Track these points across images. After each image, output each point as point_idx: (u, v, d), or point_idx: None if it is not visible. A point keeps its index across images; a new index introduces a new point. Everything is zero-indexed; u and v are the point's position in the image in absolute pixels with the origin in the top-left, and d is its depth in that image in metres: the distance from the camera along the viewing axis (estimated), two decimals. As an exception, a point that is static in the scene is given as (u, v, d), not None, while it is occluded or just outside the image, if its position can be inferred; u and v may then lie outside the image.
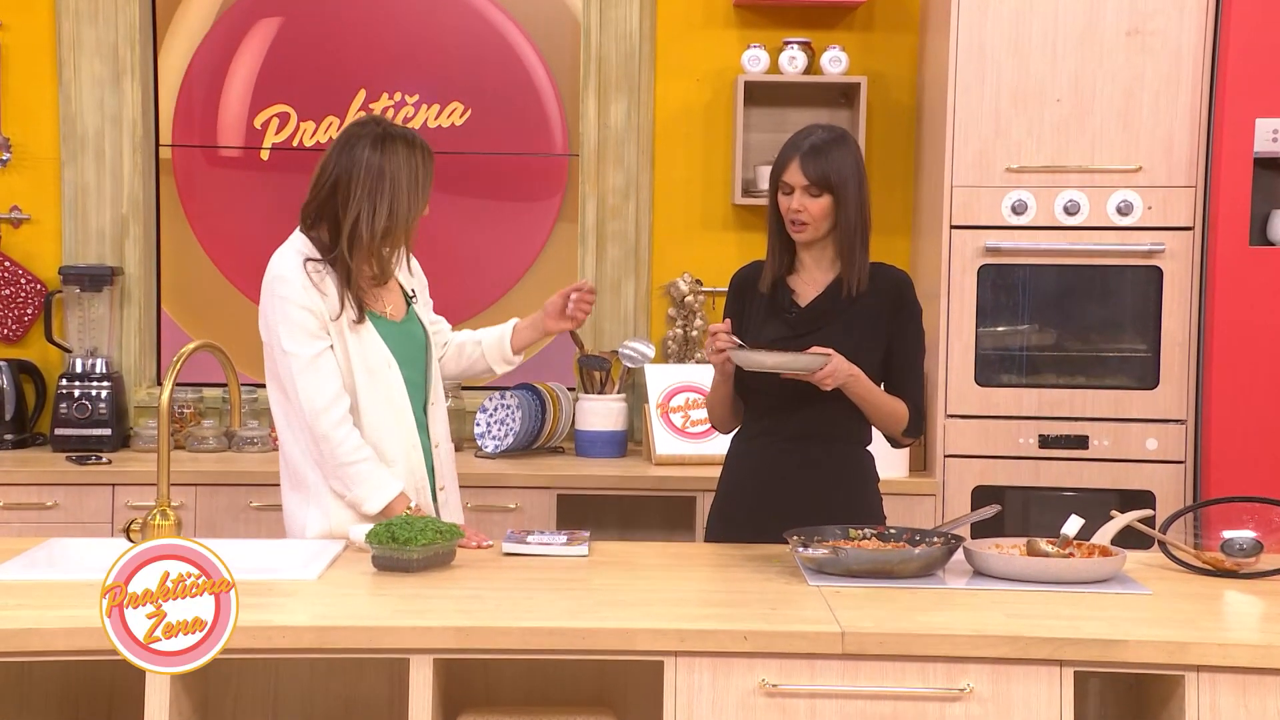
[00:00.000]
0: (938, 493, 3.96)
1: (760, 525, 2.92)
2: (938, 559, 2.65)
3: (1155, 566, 2.78)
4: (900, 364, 3.00)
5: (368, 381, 2.91)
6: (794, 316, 2.98)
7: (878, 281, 3.00)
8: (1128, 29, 3.89)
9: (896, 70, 4.47)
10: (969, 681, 2.26)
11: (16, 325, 4.42)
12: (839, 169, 2.91)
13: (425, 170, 2.94)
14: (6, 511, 3.88)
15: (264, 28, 4.56)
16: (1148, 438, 3.95)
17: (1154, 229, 3.94)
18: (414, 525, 2.62)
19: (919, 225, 4.36)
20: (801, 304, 2.99)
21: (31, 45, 4.42)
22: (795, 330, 2.97)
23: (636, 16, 4.44)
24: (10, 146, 4.42)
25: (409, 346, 3.02)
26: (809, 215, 2.92)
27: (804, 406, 2.94)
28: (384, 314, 2.99)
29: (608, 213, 4.48)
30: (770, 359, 2.83)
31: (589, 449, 4.25)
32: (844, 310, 2.97)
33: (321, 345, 2.87)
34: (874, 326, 2.97)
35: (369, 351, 2.92)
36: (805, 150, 2.91)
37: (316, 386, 2.85)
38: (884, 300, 2.99)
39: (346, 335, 2.90)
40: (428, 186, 2.94)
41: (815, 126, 2.98)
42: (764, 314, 3.01)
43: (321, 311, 2.87)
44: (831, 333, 2.95)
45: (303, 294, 2.86)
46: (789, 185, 2.93)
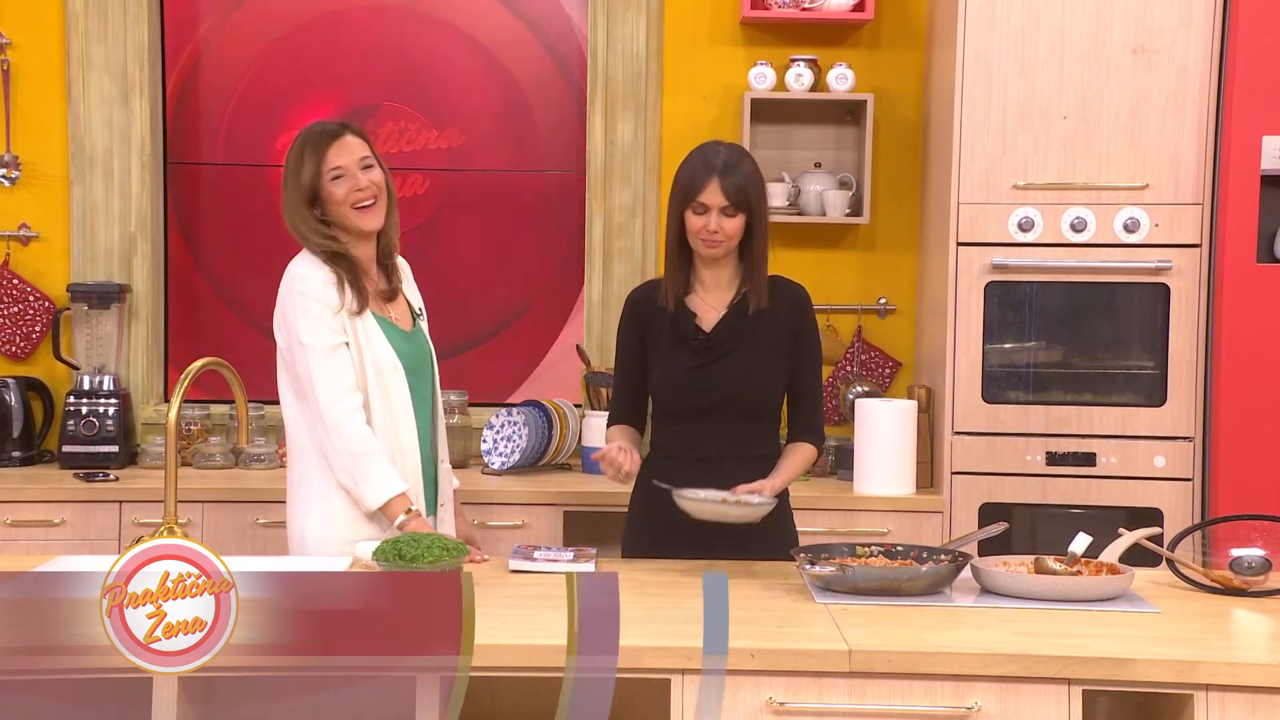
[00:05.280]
0: (944, 510, 3.95)
1: (672, 544, 2.96)
2: (945, 577, 2.64)
3: (1163, 585, 2.77)
4: (801, 381, 3.07)
5: (376, 383, 2.96)
6: (699, 344, 3.02)
7: (778, 296, 3.04)
8: (1134, 46, 3.89)
9: (903, 87, 4.47)
10: (976, 700, 2.26)
11: (25, 342, 4.43)
12: (754, 187, 2.95)
13: (300, 154, 2.98)
14: (14, 529, 3.88)
15: (275, 52, 4.57)
16: (1155, 455, 3.94)
17: (1161, 246, 3.93)
18: (420, 542, 2.62)
19: (925, 242, 4.36)
20: (705, 328, 3.02)
21: (41, 64, 4.44)
22: (702, 359, 3.02)
23: (643, 35, 4.45)
24: (19, 164, 4.44)
25: (415, 356, 3.06)
26: (724, 234, 2.94)
27: (715, 428, 3.01)
28: (392, 320, 3.04)
29: (614, 230, 4.49)
30: (712, 510, 2.83)
31: (595, 466, 4.24)
32: (748, 332, 3.01)
33: (338, 339, 2.94)
34: (778, 344, 3.03)
35: (378, 353, 2.97)
36: (721, 169, 2.92)
37: (333, 377, 2.91)
38: (785, 316, 3.04)
39: (359, 335, 2.95)
40: (307, 167, 2.97)
41: (718, 144, 3.01)
42: (668, 342, 3.04)
43: (338, 308, 2.94)
44: (738, 357, 3.01)
45: (321, 289, 2.94)
46: (704, 205, 2.93)
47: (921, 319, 4.41)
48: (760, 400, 3.03)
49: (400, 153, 4.55)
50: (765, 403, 3.05)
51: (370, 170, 3.01)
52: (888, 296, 4.52)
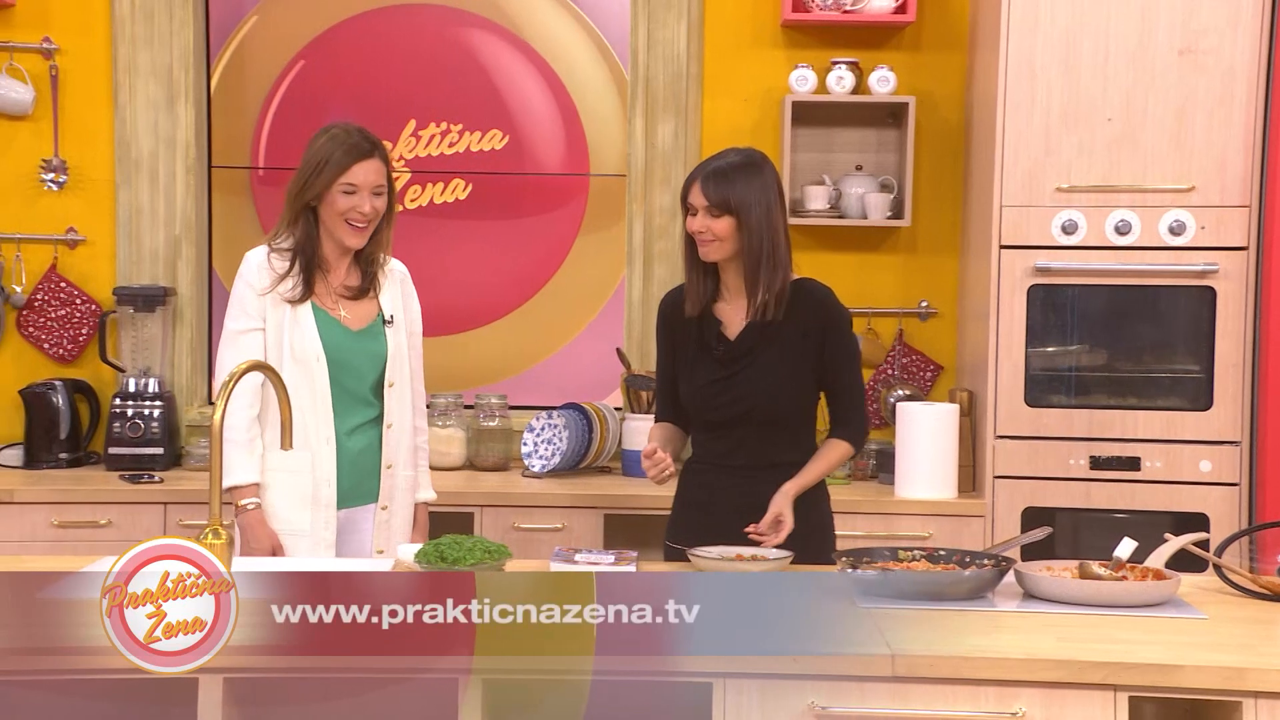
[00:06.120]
0: (986, 514, 3.93)
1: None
2: (988, 581, 2.62)
3: (1210, 590, 2.74)
4: (835, 380, 3.06)
5: (296, 369, 3.07)
6: (723, 352, 3.02)
7: (801, 300, 3.03)
8: (1180, 48, 3.86)
9: (945, 89, 4.45)
10: (1021, 705, 2.24)
11: (72, 345, 4.48)
12: (740, 192, 2.95)
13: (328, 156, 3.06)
14: (61, 529, 3.92)
15: (315, 54, 4.61)
16: (1201, 459, 3.91)
17: (1207, 249, 3.90)
18: (462, 545, 2.63)
19: (967, 245, 4.34)
20: (730, 336, 3.02)
21: (88, 69, 4.49)
22: (727, 368, 3.02)
23: (684, 37, 4.45)
24: (67, 169, 4.49)
25: (355, 356, 3.13)
26: (712, 234, 2.97)
27: (744, 437, 3.01)
28: (338, 317, 3.12)
29: (655, 232, 4.49)
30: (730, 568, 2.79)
31: (636, 469, 4.25)
32: (773, 338, 3.00)
33: (250, 324, 3.10)
34: (804, 350, 3.02)
35: (302, 342, 3.08)
36: (708, 173, 2.98)
37: (231, 359, 3.06)
38: (810, 320, 3.02)
39: (285, 321, 3.08)
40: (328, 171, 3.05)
41: (730, 151, 3.06)
42: (694, 350, 3.06)
43: (266, 290, 3.07)
44: (763, 365, 3.00)
45: (254, 272, 3.10)
46: (693, 206, 3.00)
47: (963, 322, 4.39)
48: (787, 409, 3.02)
49: (441, 156, 4.59)
50: (793, 410, 3.04)
51: (379, 197, 3.11)
52: (929, 300, 4.50)
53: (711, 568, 2.80)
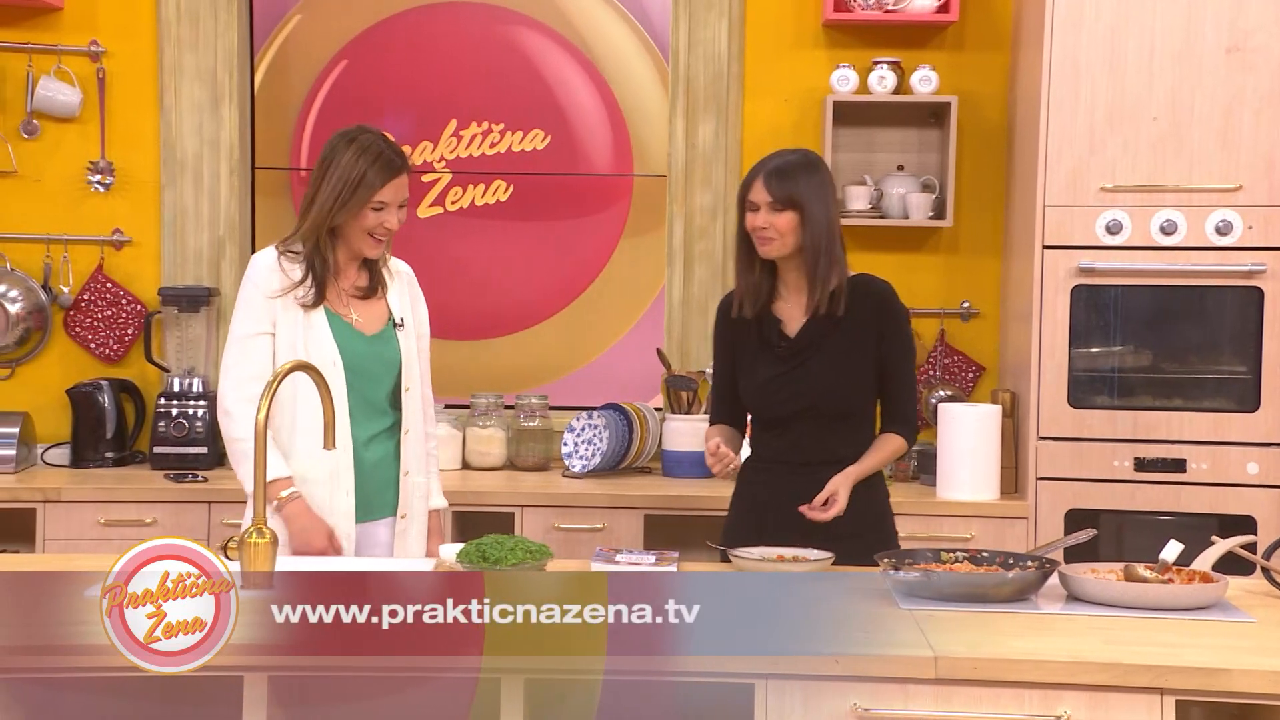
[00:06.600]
0: (1029, 516, 3.91)
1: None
2: (1032, 583, 2.61)
3: (1258, 594, 2.71)
4: (891, 375, 3.05)
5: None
6: (783, 350, 3.03)
7: (861, 296, 3.03)
8: (1227, 46, 3.82)
9: (988, 89, 4.42)
10: (1065, 708, 2.23)
11: (117, 345, 4.52)
12: (802, 188, 2.96)
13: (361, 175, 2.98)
14: (107, 528, 3.96)
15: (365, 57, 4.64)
16: (1248, 461, 3.86)
17: (1255, 249, 3.85)
18: (504, 545, 2.63)
19: (1010, 245, 4.31)
20: (789, 334, 3.03)
21: (135, 72, 4.53)
22: (787, 365, 3.02)
23: (725, 37, 4.45)
24: (114, 170, 4.53)
25: (370, 361, 3.09)
26: (775, 230, 2.97)
27: (804, 433, 3.01)
28: (350, 320, 3.08)
29: (695, 232, 4.49)
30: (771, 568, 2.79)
31: (676, 469, 4.25)
32: (833, 333, 3.00)
33: (259, 329, 3.02)
34: (863, 347, 3.02)
35: (315, 346, 3.02)
36: (770, 169, 2.99)
37: (238, 364, 3.00)
38: (870, 315, 3.03)
39: (299, 327, 3.02)
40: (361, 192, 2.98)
41: (786, 150, 3.07)
42: (754, 349, 3.06)
43: (276, 293, 3.01)
44: (822, 362, 3.00)
45: (264, 275, 3.02)
46: (754, 203, 2.99)
47: (1006, 323, 4.36)
48: (847, 404, 3.03)
49: (482, 156, 4.60)
50: (852, 406, 3.04)
51: (401, 211, 3.08)
52: (971, 300, 4.47)
53: (751, 568, 2.79)
